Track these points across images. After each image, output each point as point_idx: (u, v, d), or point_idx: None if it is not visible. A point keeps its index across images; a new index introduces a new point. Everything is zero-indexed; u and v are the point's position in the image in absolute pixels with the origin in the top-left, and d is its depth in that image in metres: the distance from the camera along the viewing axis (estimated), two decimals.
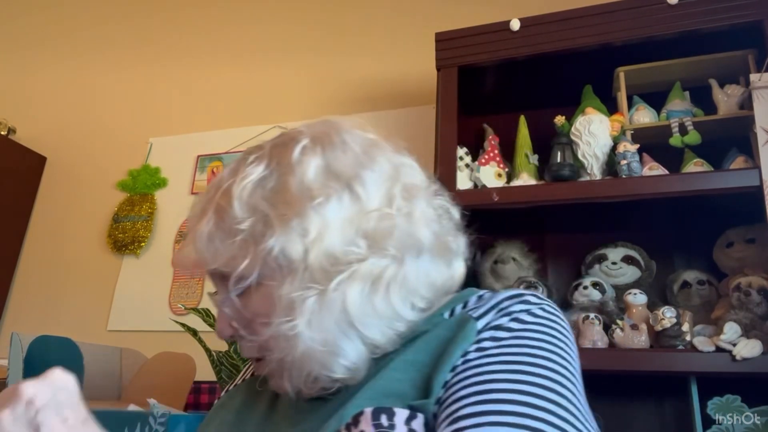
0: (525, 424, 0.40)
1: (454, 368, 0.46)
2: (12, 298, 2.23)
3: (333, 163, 0.52)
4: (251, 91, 2.17)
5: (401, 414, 0.44)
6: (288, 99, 2.10)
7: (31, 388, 0.39)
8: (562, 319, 0.50)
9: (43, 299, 2.18)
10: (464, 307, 0.53)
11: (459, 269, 0.58)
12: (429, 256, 0.53)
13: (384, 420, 0.44)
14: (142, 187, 2.16)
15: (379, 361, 0.51)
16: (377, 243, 0.50)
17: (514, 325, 0.48)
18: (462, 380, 0.45)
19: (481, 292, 0.54)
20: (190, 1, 2.43)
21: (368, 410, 0.44)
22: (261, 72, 2.19)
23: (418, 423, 0.44)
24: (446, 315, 0.53)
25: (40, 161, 2.38)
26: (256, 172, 0.53)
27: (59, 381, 0.41)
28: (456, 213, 0.59)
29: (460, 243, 0.58)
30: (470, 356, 0.46)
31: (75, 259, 2.19)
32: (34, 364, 1.77)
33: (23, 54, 2.65)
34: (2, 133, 2.30)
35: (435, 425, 0.44)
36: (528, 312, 0.49)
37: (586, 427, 0.42)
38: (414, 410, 0.45)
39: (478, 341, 0.47)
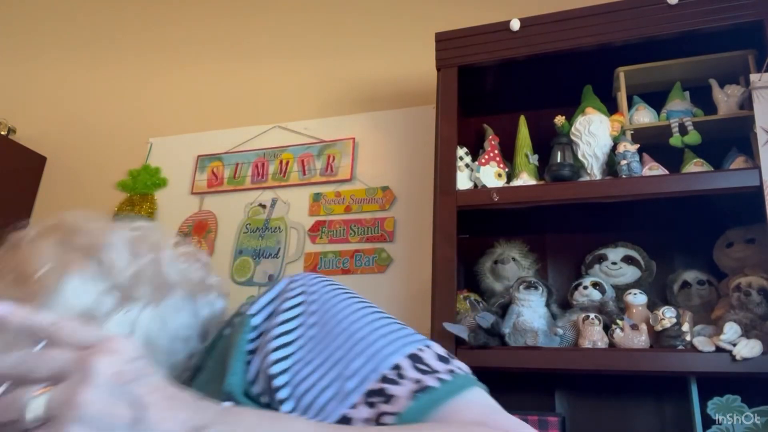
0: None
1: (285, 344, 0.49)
2: None
3: (72, 240, 0.55)
4: (251, 91, 2.17)
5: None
6: (288, 99, 2.10)
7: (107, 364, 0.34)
8: (326, 278, 0.56)
9: None
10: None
11: (218, 303, 0.62)
12: (181, 293, 0.57)
13: None
14: (142, 187, 2.16)
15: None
16: (129, 292, 0.53)
17: (306, 297, 0.52)
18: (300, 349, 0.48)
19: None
20: (190, 2, 2.43)
21: None
22: (261, 72, 2.19)
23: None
24: (227, 332, 0.55)
25: (40, 161, 2.37)
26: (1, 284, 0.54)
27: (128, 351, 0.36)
28: (204, 256, 0.63)
29: (211, 279, 0.62)
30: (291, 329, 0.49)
31: None
32: None
33: (23, 54, 2.65)
34: (2, 133, 2.30)
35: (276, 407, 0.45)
36: (311, 282, 0.53)
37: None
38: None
39: (290, 318, 0.51)
